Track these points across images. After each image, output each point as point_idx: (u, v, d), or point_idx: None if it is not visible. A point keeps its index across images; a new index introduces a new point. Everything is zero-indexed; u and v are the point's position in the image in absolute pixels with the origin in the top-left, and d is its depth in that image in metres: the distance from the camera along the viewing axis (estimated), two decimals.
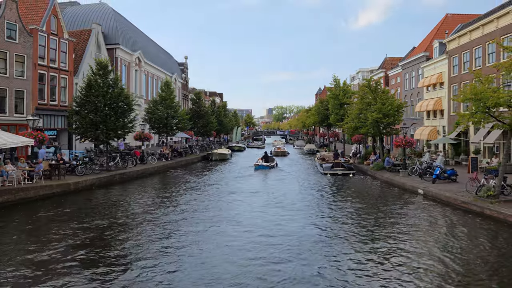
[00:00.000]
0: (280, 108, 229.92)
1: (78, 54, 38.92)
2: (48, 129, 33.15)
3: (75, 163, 27.65)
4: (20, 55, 30.32)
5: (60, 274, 10.98)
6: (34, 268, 11.42)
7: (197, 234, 15.12)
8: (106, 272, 11.13)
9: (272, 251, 13.06)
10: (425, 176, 26.38)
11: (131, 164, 33.38)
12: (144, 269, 11.39)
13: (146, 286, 10.31)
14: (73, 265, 11.64)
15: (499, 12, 30.27)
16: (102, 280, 10.58)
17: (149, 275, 11.00)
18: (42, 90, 32.85)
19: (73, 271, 11.21)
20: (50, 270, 11.25)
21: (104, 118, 28.90)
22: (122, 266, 11.64)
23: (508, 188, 19.65)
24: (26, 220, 17.60)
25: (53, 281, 10.46)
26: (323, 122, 64.27)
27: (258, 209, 20.10)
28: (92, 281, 10.56)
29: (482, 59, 32.86)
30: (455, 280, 10.72)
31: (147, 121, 43.53)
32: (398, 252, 13.03)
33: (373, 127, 34.43)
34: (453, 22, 43.87)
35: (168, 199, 22.78)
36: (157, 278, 10.81)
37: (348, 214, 18.86)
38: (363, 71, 76.43)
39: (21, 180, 21.75)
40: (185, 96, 76.59)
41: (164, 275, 11.04)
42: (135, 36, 55.26)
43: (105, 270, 11.31)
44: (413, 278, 10.83)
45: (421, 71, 46.16)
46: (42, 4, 34.15)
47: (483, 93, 18.31)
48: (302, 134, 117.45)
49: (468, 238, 14.82)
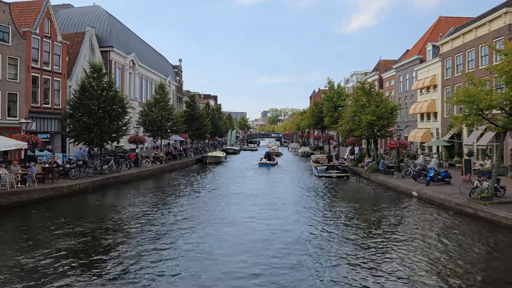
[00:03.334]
0: (274, 111, 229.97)
1: (71, 56, 38.75)
2: (42, 132, 32.94)
3: (69, 166, 27.50)
4: (13, 58, 30.12)
5: (52, 278, 10.87)
6: (24, 272, 11.30)
7: (192, 238, 15.07)
8: (99, 275, 11.06)
9: (267, 254, 13.04)
10: (419, 178, 26.49)
11: (125, 167, 33.25)
12: (138, 273, 11.32)
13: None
14: (65, 270, 11.51)
15: (492, 15, 30.52)
16: (96, 284, 10.51)
17: (143, 279, 10.94)
18: (35, 93, 32.65)
19: (65, 275, 11.10)
20: (41, 274, 11.13)
21: (98, 121, 28.79)
22: (116, 270, 11.56)
23: (501, 190, 19.78)
24: (18, 224, 17.46)
25: (45, 286, 10.37)
26: (318, 124, 64.46)
27: (252, 212, 20.05)
28: (86, 285, 10.47)
29: (475, 61, 33.08)
30: (448, 282, 10.75)
31: (141, 124, 43.42)
32: (392, 254, 13.04)
33: (367, 130, 34.55)
34: (446, 25, 44.18)
35: (162, 202, 22.68)
36: (152, 283, 10.75)
37: (342, 217, 18.86)
38: (357, 74, 76.77)
39: (14, 184, 21.58)
40: (180, 99, 76.45)
41: (159, 278, 11.00)
42: (129, 39, 55.12)
43: (98, 273, 11.23)
44: (406, 281, 10.84)
45: (414, 74, 46.38)
46: (36, 7, 33.96)
47: (476, 95, 18.44)
48: (297, 136, 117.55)
49: (462, 240, 14.87)
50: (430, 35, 45.79)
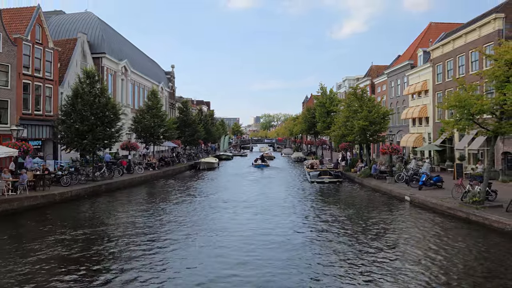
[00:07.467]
0: (267, 117, 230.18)
1: (63, 63, 38.53)
2: (33, 139, 32.66)
3: (61, 173, 27.28)
4: (4, 65, 29.89)
5: (42, 286, 10.76)
6: (14, 280, 11.17)
7: (185, 245, 14.99)
8: (90, 282, 10.95)
9: (259, 258, 13.02)
10: (412, 183, 26.61)
11: (118, 174, 33.05)
12: (129, 283, 11.23)
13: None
14: (55, 278, 11.39)
15: (481, 21, 30.88)
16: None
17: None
18: (27, 99, 32.39)
19: (55, 283, 10.99)
20: (31, 283, 11.01)
21: (90, 128, 28.65)
22: (107, 276, 11.47)
23: (493, 193, 19.92)
24: (9, 232, 17.23)
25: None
26: (310, 130, 64.60)
27: (244, 218, 20.00)
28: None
29: (466, 67, 33.42)
30: (440, 286, 10.78)
31: (134, 130, 43.25)
32: (384, 258, 13.06)
33: (360, 135, 34.70)
34: (437, 30, 44.62)
35: (155, 209, 22.53)
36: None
37: (335, 221, 18.87)
38: (349, 79, 77.05)
39: (5, 191, 21.36)
40: (172, 105, 76.27)
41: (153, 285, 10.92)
42: (121, 45, 54.98)
43: (90, 280, 11.13)
44: (396, 285, 10.86)
45: (406, 79, 46.74)
46: (27, 13, 33.77)
47: (467, 100, 18.61)
48: (290, 142, 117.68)
49: (454, 244, 14.90)
50: (421, 40, 46.22)
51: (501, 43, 20.35)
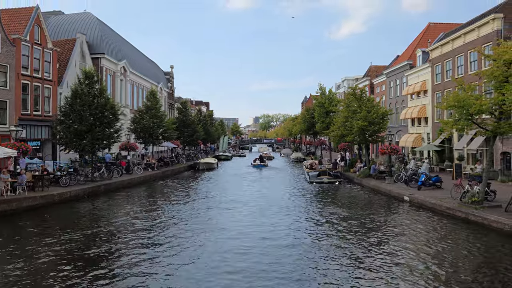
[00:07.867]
0: (266, 117, 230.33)
1: (62, 63, 38.48)
2: (32, 140, 32.63)
3: (59, 174, 27.25)
4: (3, 65, 29.86)
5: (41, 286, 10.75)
6: (14, 280, 11.15)
7: (185, 245, 14.98)
8: (90, 282, 10.94)
9: (259, 260, 13.02)
10: (411, 183, 26.63)
11: (117, 174, 33.03)
12: (128, 283, 11.22)
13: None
14: (53, 278, 11.39)
15: (480, 21, 30.92)
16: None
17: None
18: (26, 100, 32.36)
19: (54, 284, 10.98)
20: (30, 283, 11.00)
21: (89, 128, 28.64)
22: (106, 276, 11.46)
23: (492, 194, 19.95)
24: (7, 232, 17.21)
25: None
26: (309, 130, 64.62)
27: (245, 218, 20.01)
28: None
29: (464, 67, 33.45)
30: (439, 286, 10.79)
31: (133, 130, 43.22)
32: (383, 258, 13.07)
33: (359, 135, 34.71)
34: (436, 31, 44.66)
35: (154, 210, 22.54)
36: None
37: (334, 221, 18.88)
38: (348, 80, 77.04)
39: (3, 192, 21.33)
40: (171, 105, 76.24)
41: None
42: (120, 45, 54.95)
43: (90, 280, 11.12)
44: (395, 285, 10.86)
45: (405, 79, 46.76)
46: (26, 14, 33.74)
47: (466, 100, 18.62)
48: (289, 142, 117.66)
49: (453, 244, 14.94)
50: (420, 41, 46.25)
51: (499, 43, 20.39)
